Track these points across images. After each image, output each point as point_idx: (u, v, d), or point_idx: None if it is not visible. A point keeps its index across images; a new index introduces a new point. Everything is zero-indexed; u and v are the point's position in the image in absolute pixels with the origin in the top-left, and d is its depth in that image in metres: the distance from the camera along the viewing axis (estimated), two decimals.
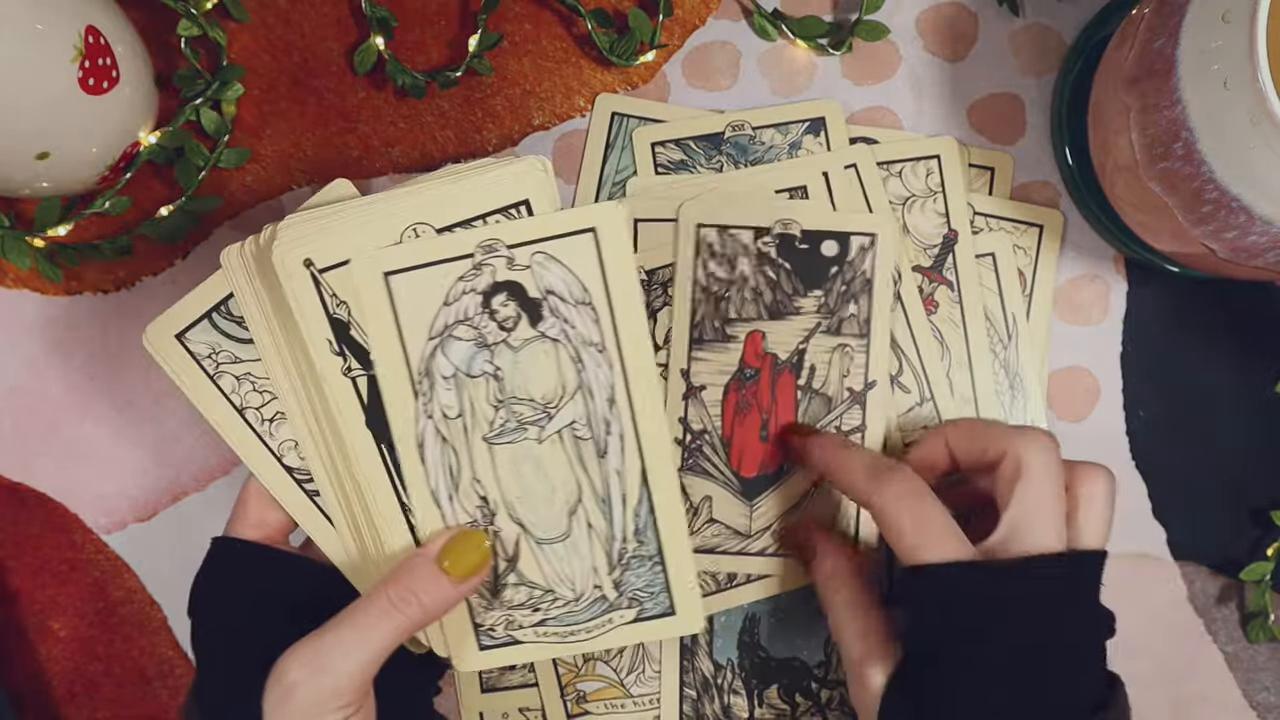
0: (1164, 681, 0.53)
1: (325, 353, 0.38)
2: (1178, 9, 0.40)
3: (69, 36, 0.46)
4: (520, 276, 0.38)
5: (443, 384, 0.39)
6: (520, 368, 0.39)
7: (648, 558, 0.40)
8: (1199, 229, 0.42)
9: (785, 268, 0.51)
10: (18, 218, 0.53)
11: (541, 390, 0.39)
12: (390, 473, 0.39)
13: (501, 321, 0.39)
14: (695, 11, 0.55)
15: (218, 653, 0.39)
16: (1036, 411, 0.53)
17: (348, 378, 0.38)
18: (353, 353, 0.38)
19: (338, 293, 0.38)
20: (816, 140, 0.54)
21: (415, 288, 0.38)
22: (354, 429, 0.39)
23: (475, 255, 0.38)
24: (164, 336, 0.41)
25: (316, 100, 0.55)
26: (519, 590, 0.40)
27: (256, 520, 0.41)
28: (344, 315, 0.38)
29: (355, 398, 0.39)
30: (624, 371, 0.39)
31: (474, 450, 0.39)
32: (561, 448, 0.39)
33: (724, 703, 0.52)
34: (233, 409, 0.41)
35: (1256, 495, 0.54)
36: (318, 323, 0.38)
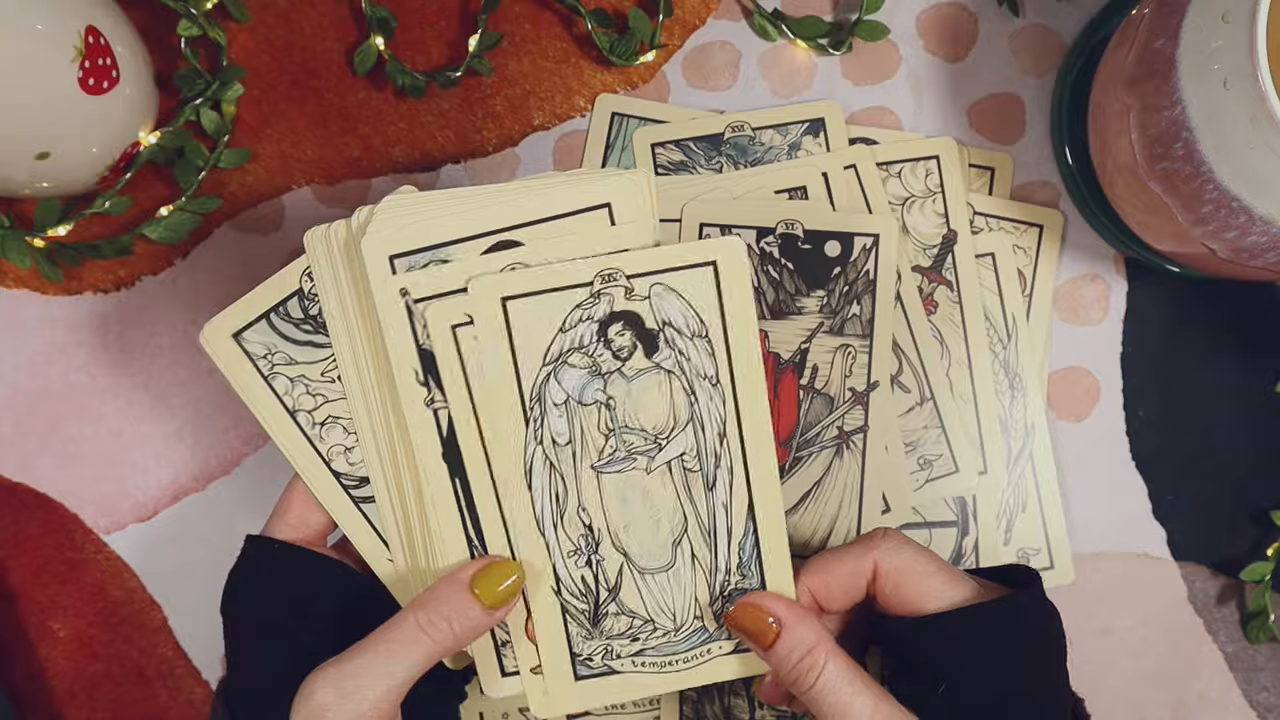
0: (1164, 681, 0.53)
1: (411, 382, 0.38)
2: (1178, 9, 0.40)
3: (69, 36, 0.46)
4: (638, 307, 0.38)
5: (554, 410, 0.38)
6: (633, 397, 0.39)
7: (750, 591, 0.40)
8: (1199, 229, 0.42)
9: (788, 268, 0.51)
10: (18, 218, 0.53)
11: (653, 421, 0.39)
12: (461, 509, 0.39)
13: (616, 351, 0.38)
14: (695, 11, 0.55)
15: (249, 655, 0.39)
16: (1036, 411, 0.53)
17: (430, 409, 0.38)
18: (438, 385, 0.38)
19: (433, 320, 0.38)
20: (816, 141, 0.54)
21: (532, 314, 0.38)
22: (430, 460, 0.38)
23: (594, 284, 0.38)
24: (221, 335, 0.40)
25: (316, 100, 0.55)
26: (619, 619, 0.40)
27: (297, 521, 0.40)
28: (435, 345, 0.38)
29: (435, 430, 0.38)
30: (736, 405, 0.39)
31: (581, 478, 0.39)
32: (670, 479, 0.39)
33: (724, 704, 0.52)
34: (284, 410, 0.40)
35: (1256, 495, 0.54)
36: (406, 352, 0.38)
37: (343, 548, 0.42)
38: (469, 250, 0.38)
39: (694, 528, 0.40)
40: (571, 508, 0.39)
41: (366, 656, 0.35)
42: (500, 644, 0.40)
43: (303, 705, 0.34)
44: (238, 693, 0.38)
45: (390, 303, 0.37)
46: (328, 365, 0.40)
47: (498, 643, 0.40)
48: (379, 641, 0.35)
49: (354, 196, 0.55)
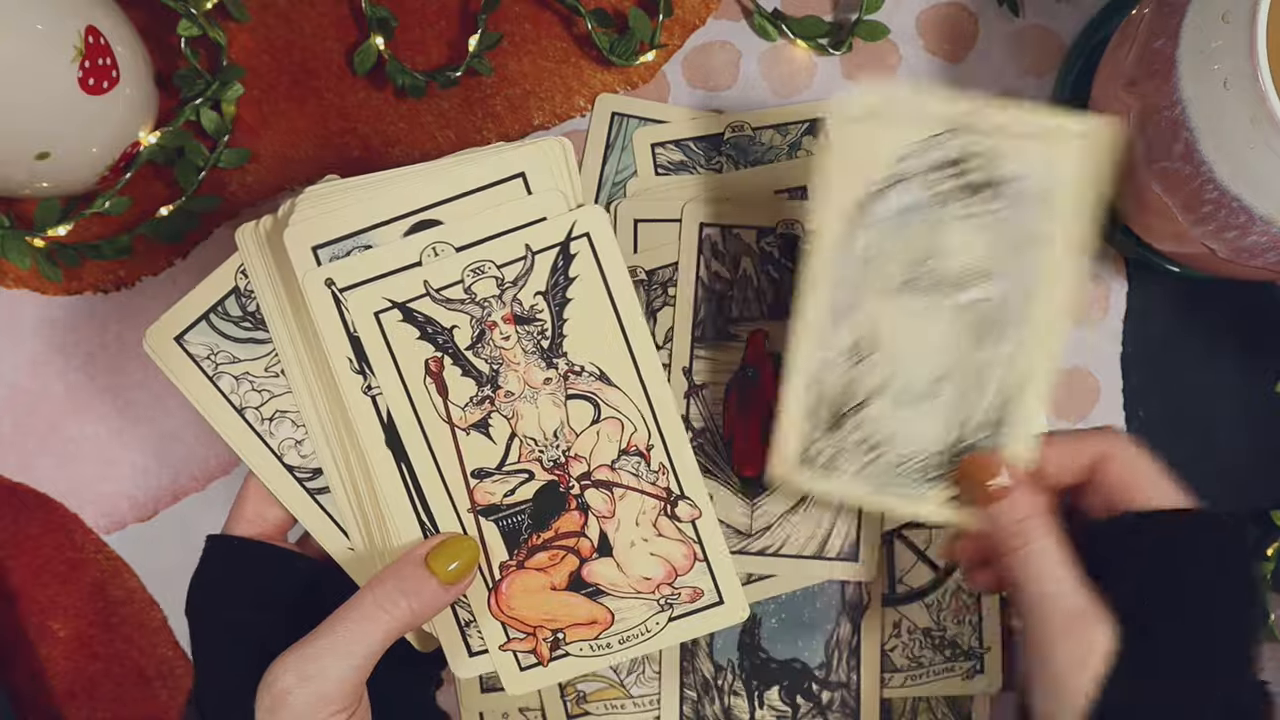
0: None
1: (346, 371, 0.38)
2: (1178, 9, 0.40)
3: (69, 36, 0.46)
4: (996, 160, 0.39)
5: (881, 223, 0.39)
6: (960, 234, 0.40)
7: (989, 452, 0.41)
8: (1199, 229, 0.42)
9: (789, 267, 0.51)
10: (18, 218, 0.53)
11: (969, 261, 0.40)
12: (410, 492, 0.39)
13: (965, 183, 0.39)
14: (695, 11, 0.55)
15: (215, 653, 0.39)
16: None
17: (367, 396, 0.38)
18: (371, 370, 0.38)
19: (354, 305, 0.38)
20: (816, 141, 0.54)
21: (888, 132, 0.39)
22: (374, 447, 0.39)
23: (943, 135, 0.39)
24: (164, 339, 0.41)
25: (316, 100, 0.55)
26: (859, 430, 0.41)
27: (254, 516, 0.41)
28: (360, 333, 0.38)
29: (375, 417, 0.39)
30: (1049, 275, 0.39)
31: (880, 292, 0.40)
32: (960, 319, 0.40)
33: (724, 704, 0.52)
34: (232, 409, 0.41)
35: (1256, 495, 0.54)
36: (338, 341, 0.38)
37: (306, 542, 0.43)
38: (390, 234, 0.38)
39: (963, 374, 0.40)
40: (859, 316, 0.40)
41: (326, 638, 0.35)
42: (464, 624, 0.41)
43: (265, 693, 0.35)
44: (206, 692, 0.38)
45: (317, 293, 0.38)
46: (270, 361, 0.41)
47: (461, 623, 0.41)
48: (337, 622, 0.36)
49: None
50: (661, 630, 0.41)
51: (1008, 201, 0.39)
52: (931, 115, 0.39)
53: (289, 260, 0.38)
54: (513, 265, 0.38)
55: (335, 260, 0.38)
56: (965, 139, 0.39)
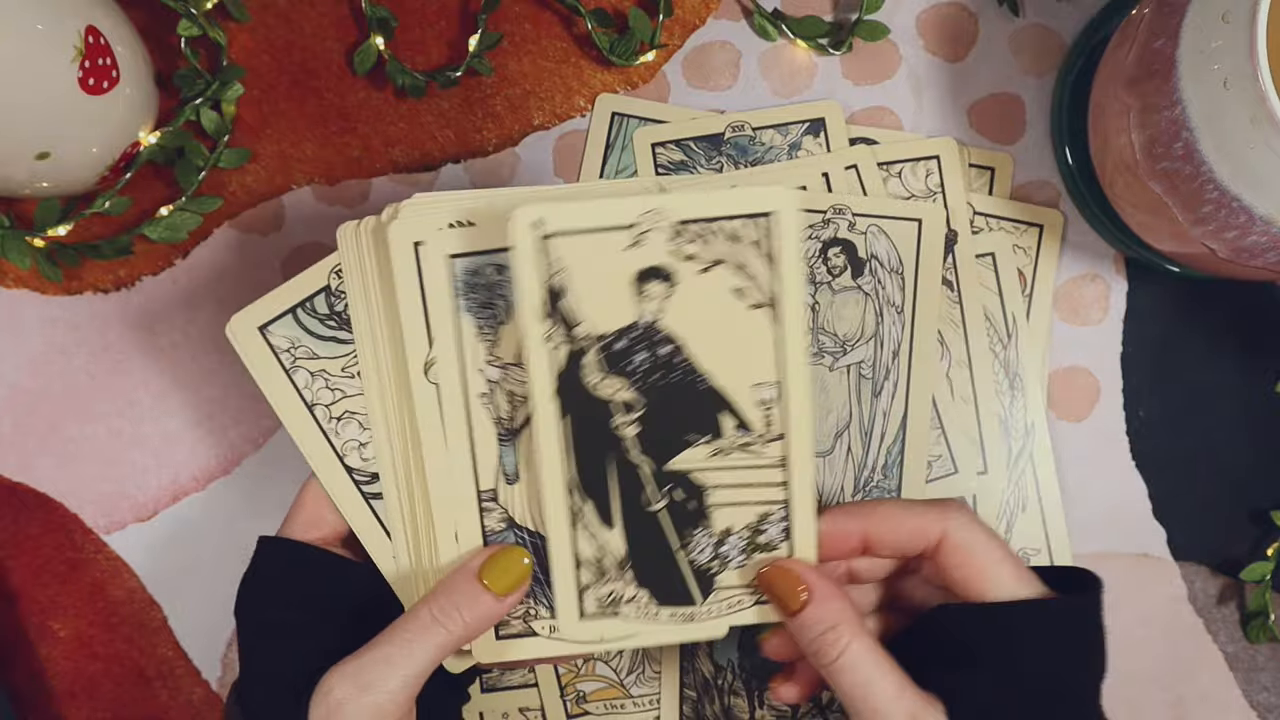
0: (1164, 681, 0.53)
1: (420, 349, 0.38)
2: (1178, 9, 0.40)
3: (69, 36, 0.46)
4: (856, 239, 0.50)
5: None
6: (834, 308, 0.49)
7: (888, 491, 0.49)
8: (1199, 229, 0.42)
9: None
10: (18, 218, 0.53)
11: (845, 330, 0.49)
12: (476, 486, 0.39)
13: (831, 268, 0.50)
14: (695, 11, 0.55)
15: (264, 655, 0.38)
16: (1036, 411, 0.53)
17: (431, 383, 0.38)
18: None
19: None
20: (816, 141, 0.54)
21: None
22: (434, 436, 0.38)
23: (828, 213, 0.50)
24: (248, 328, 0.40)
25: (316, 100, 0.55)
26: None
27: (313, 520, 0.40)
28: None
29: (436, 404, 0.38)
30: (912, 333, 0.49)
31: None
32: (846, 380, 0.49)
33: (724, 704, 0.52)
34: (303, 404, 0.40)
35: (1256, 495, 0.54)
36: (416, 319, 0.38)
37: (360, 549, 0.42)
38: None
39: (855, 425, 0.48)
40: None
41: (382, 650, 0.35)
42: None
43: (321, 702, 0.35)
44: (252, 694, 0.38)
45: (408, 284, 0.37)
46: (349, 361, 0.41)
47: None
48: (394, 635, 0.35)
49: (354, 196, 0.55)
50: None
51: (870, 277, 0.47)
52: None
53: (385, 256, 0.38)
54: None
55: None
56: (835, 225, 0.46)
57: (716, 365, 0.38)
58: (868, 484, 0.47)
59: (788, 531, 0.38)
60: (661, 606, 0.39)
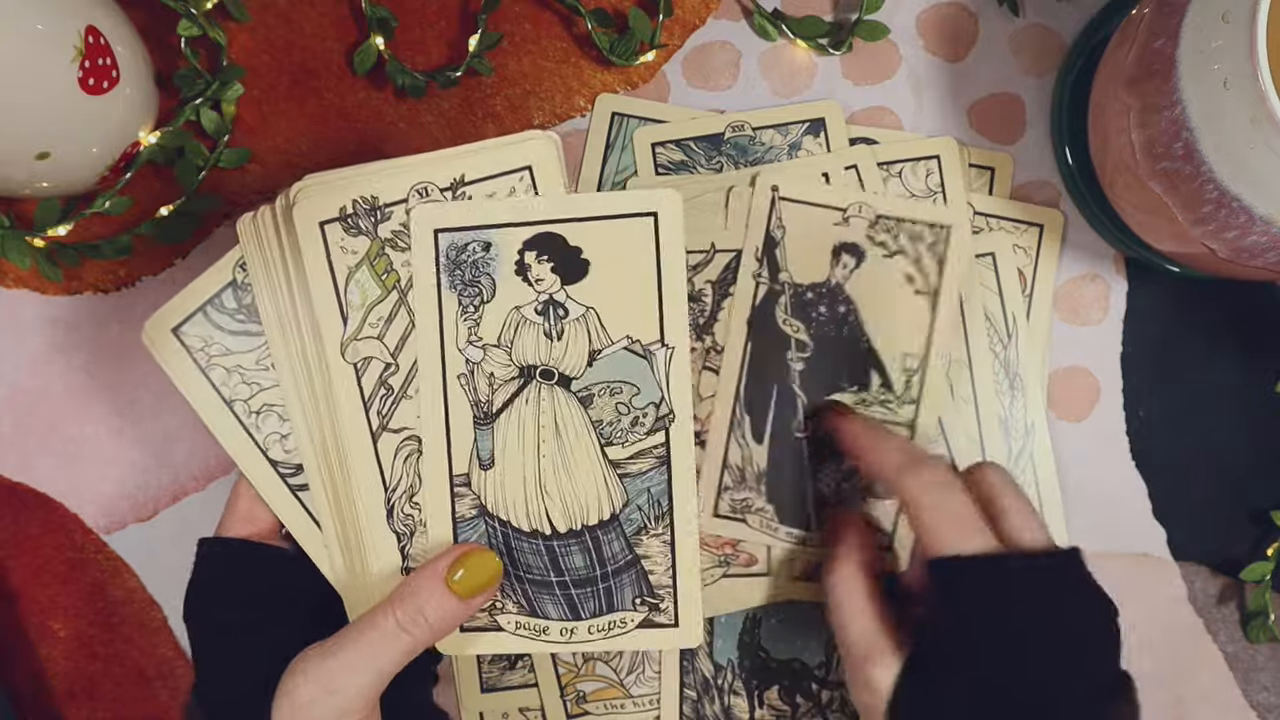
0: (1164, 681, 0.53)
1: (335, 330, 0.38)
2: (1178, 9, 0.40)
3: (69, 36, 0.46)
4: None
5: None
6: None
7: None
8: (1199, 229, 0.42)
9: None
10: (18, 218, 0.53)
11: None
12: (381, 471, 0.39)
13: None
14: (695, 11, 0.55)
15: (217, 657, 0.39)
16: (1036, 411, 0.53)
17: (350, 364, 0.38)
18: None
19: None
20: (816, 141, 0.54)
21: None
22: (352, 419, 0.38)
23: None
24: (161, 330, 0.41)
25: (316, 100, 0.55)
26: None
27: (246, 516, 0.41)
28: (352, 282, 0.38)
29: (356, 385, 0.38)
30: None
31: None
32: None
33: (724, 704, 0.52)
34: (222, 401, 0.41)
35: (1256, 495, 0.54)
36: (328, 299, 0.38)
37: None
38: (512, 236, 0.38)
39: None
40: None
41: (349, 653, 0.35)
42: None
43: (286, 700, 0.35)
44: (209, 697, 0.38)
45: (311, 239, 0.38)
46: (261, 354, 0.41)
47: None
48: (359, 636, 0.36)
49: None
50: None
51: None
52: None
53: (291, 237, 0.38)
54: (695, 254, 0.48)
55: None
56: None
57: (878, 331, 0.49)
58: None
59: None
60: (781, 525, 0.47)
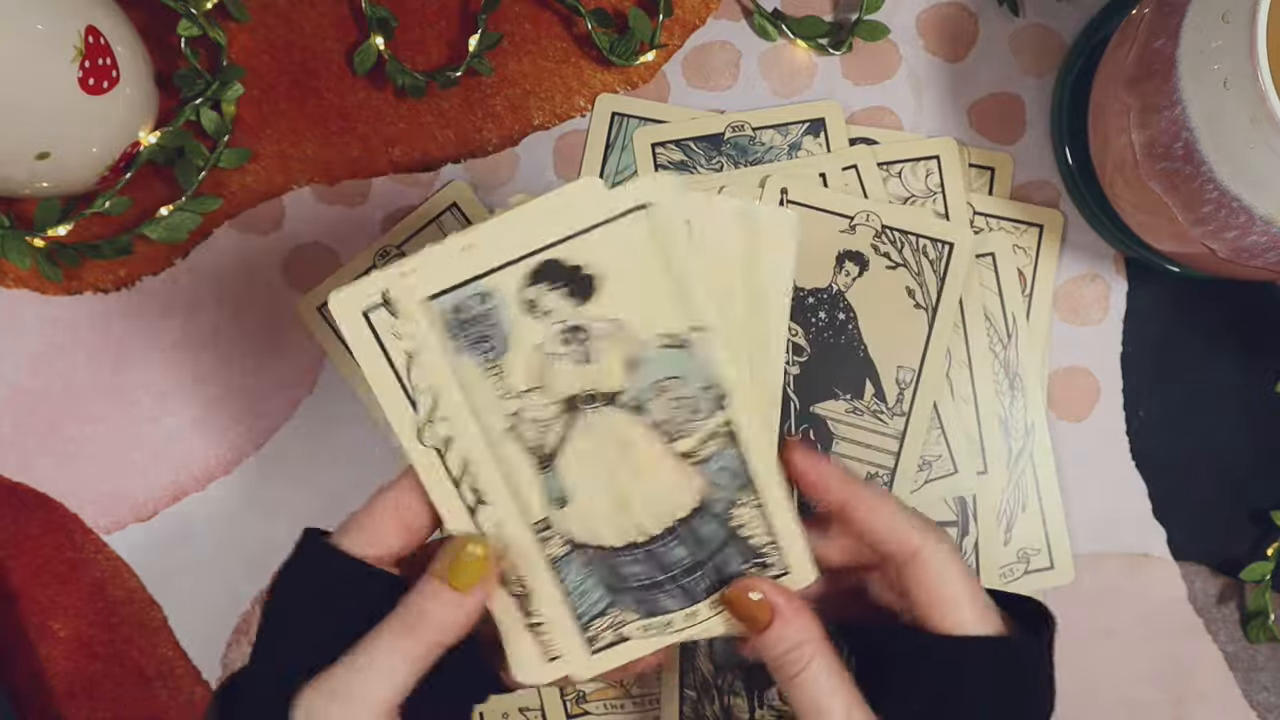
0: (1164, 681, 0.53)
1: (406, 418, 0.35)
2: (1178, 9, 0.40)
3: (69, 36, 0.46)
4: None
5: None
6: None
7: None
8: (1199, 229, 0.42)
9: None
10: (18, 218, 0.53)
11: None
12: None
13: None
14: (695, 11, 0.55)
15: (281, 656, 0.36)
16: (1036, 411, 0.53)
17: (431, 448, 0.36)
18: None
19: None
20: (816, 141, 0.54)
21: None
22: (447, 504, 0.36)
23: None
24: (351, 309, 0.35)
25: (316, 100, 0.55)
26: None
27: (373, 537, 0.36)
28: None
29: (443, 469, 0.36)
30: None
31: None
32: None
33: (724, 704, 0.52)
34: (403, 393, 0.36)
35: (1256, 495, 0.54)
36: (392, 389, 0.35)
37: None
38: (508, 279, 0.35)
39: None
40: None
41: (358, 666, 0.34)
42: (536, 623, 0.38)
43: (302, 713, 0.34)
44: (242, 690, 0.37)
45: (369, 351, 0.35)
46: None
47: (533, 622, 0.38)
48: (368, 648, 0.34)
49: (354, 196, 0.55)
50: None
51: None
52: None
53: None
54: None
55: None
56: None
57: (874, 341, 0.50)
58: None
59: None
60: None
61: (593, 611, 0.38)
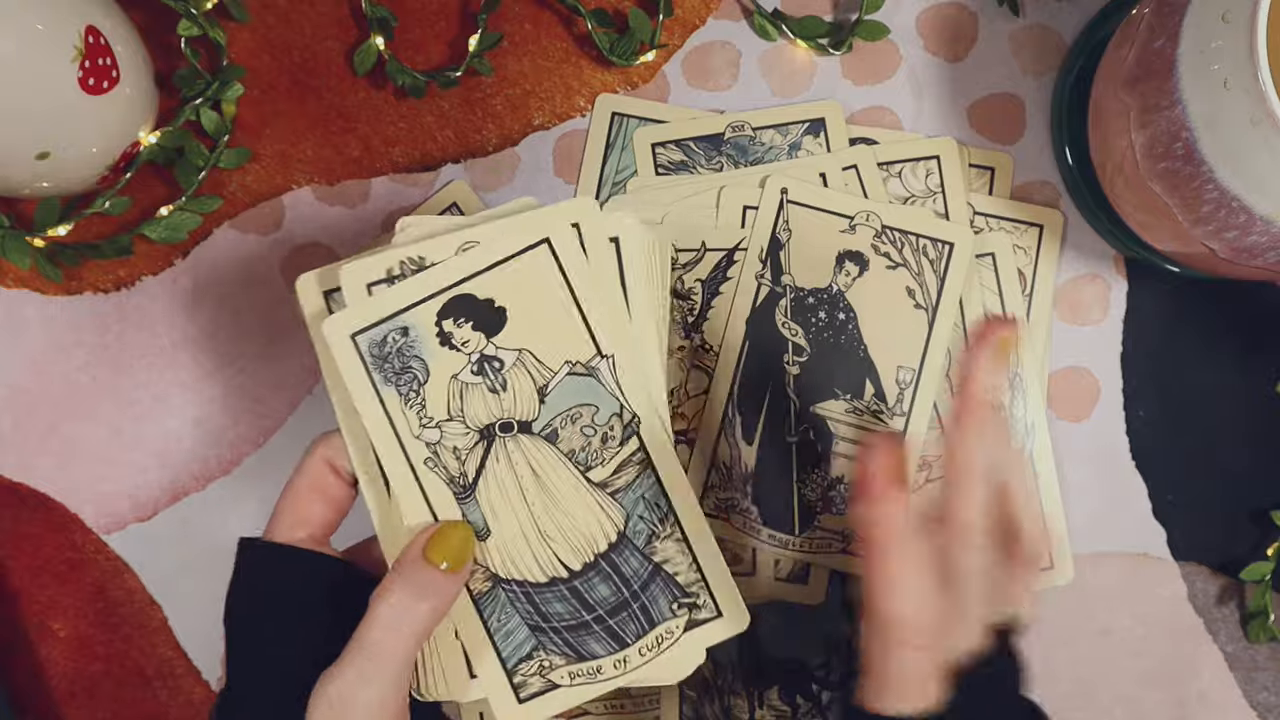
0: (1164, 681, 0.53)
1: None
2: (1178, 9, 0.40)
3: (69, 36, 0.46)
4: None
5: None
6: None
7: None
8: (1199, 229, 0.42)
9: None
10: (18, 218, 0.53)
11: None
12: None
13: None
14: (695, 11, 0.55)
15: (251, 664, 0.37)
16: (1036, 411, 0.53)
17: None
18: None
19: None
20: (816, 141, 0.54)
21: None
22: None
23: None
24: (313, 292, 0.37)
25: (316, 100, 0.55)
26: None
27: (300, 518, 0.38)
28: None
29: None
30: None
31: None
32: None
33: (724, 704, 0.52)
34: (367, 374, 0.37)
35: (1256, 495, 0.54)
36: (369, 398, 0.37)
37: (356, 549, 0.41)
38: (425, 313, 0.36)
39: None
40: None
41: (355, 662, 0.34)
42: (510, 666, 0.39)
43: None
44: (243, 706, 0.37)
45: (355, 372, 0.36)
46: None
47: (506, 666, 0.39)
48: (361, 642, 0.34)
49: (354, 196, 0.55)
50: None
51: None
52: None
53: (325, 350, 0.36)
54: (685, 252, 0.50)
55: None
56: None
57: (875, 340, 0.50)
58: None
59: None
60: (764, 527, 0.48)
61: (518, 655, 0.38)
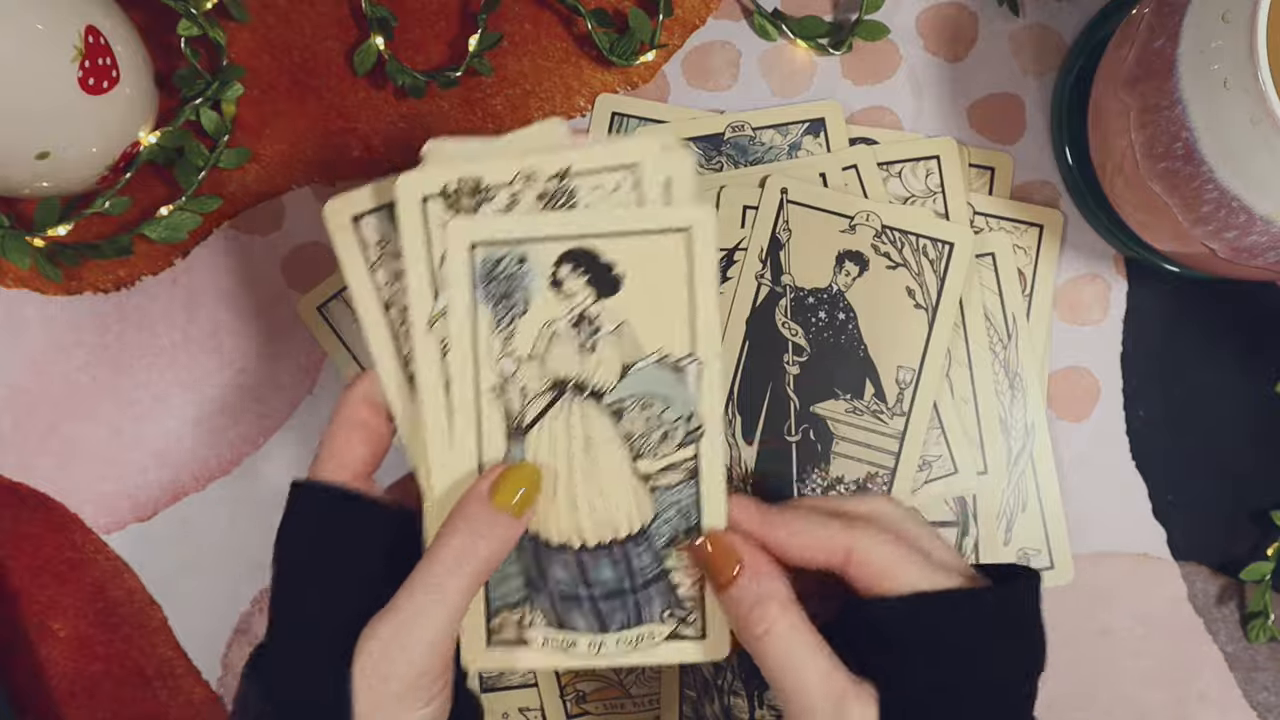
0: (1164, 681, 0.53)
1: (425, 297, 0.37)
2: (1178, 9, 0.40)
3: (69, 36, 0.46)
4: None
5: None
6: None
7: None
8: (1199, 229, 0.42)
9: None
10: (18, 218, 0.53)
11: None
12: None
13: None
14: (695, 11, 0.55)
15: (298, 611, 0.36)
16: (1036, 411, 0.53)
17: (437, 338, 0.37)
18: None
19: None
20: (816, 141, 0.54)
21: None
22: (433, 392, 0.37)
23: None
24: (343, 214, 0.38)
25: (316, 100, 0.55)
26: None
27: (342, 461, 0.38)
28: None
29: (440, 360, 0.37)
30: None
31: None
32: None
33: (724, 704, 0.52)
34: (378, 302, 0.38)
35: (1256, 495, 0.54)
36: (421, 273, 0.37)
37: (396, 487, 0.41)
38: (547, 251, 0.37)
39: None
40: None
41: (416, 600, 0.34)
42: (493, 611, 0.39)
43: (359, 672, 0.34)
44: (287, 650, 0.36)
45: (414, 233, 0.37)
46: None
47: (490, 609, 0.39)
48: (422, 583, 0.34)
49: None
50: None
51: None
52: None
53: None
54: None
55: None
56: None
57: (875, 340, 0.50)
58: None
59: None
60: None
61: (506, 601, 0.38)
